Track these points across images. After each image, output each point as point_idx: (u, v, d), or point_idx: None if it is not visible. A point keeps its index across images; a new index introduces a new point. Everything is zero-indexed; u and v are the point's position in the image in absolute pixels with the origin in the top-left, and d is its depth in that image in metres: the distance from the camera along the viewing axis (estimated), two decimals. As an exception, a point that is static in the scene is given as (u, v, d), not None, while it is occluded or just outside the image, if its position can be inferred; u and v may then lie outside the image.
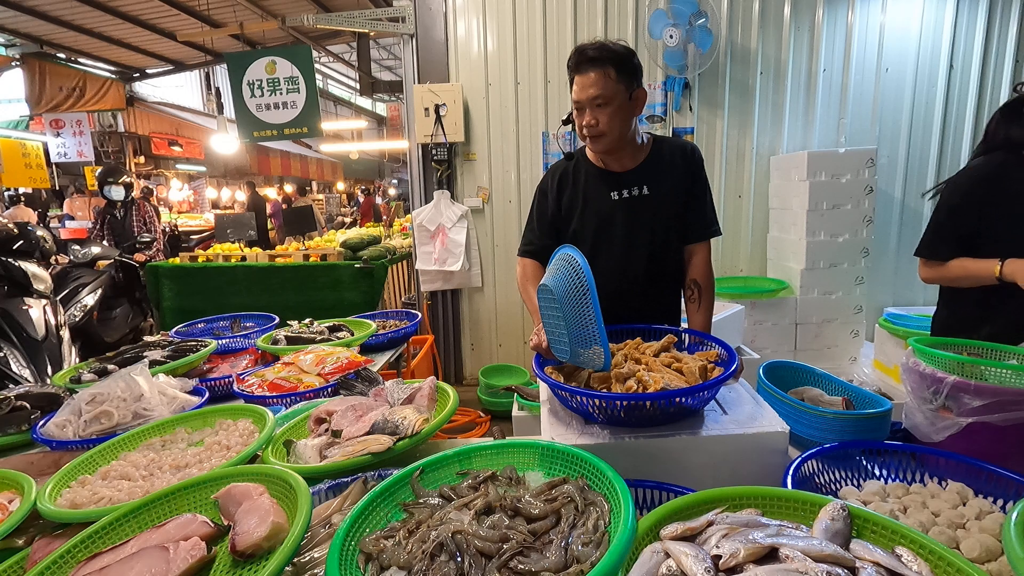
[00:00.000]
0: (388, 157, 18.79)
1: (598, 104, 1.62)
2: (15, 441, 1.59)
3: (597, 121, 1.64)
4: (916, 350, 1.40)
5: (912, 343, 1.43)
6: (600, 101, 1.62)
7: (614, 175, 1.79)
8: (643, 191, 1.77)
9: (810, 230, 3.74)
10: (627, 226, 1.78)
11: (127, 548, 0.92)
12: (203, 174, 12.90)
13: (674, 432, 1.24)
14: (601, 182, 1.80)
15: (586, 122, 1.66)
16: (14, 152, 7.03)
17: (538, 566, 0.78)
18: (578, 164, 1.85)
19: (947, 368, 1.32)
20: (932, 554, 0.78)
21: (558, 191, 1.86)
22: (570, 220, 1.84)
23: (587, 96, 1.62)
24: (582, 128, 1.68)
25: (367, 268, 4.60)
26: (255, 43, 7.29)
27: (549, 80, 4.25)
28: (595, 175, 1.81)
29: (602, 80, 1.60)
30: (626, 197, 1.77)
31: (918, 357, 1.38)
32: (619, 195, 1.78)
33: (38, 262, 3.87)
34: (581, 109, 1.66)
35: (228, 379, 1.92)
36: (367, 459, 1.20)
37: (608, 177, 1.79)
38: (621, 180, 1.78)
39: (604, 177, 1.80)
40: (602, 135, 1.67)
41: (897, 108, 4.12)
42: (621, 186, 1.78)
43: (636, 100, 1.68)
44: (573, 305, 1.32)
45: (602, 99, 1.61)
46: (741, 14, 4.08)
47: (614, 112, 1.63)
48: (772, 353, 3.81)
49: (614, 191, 1.78)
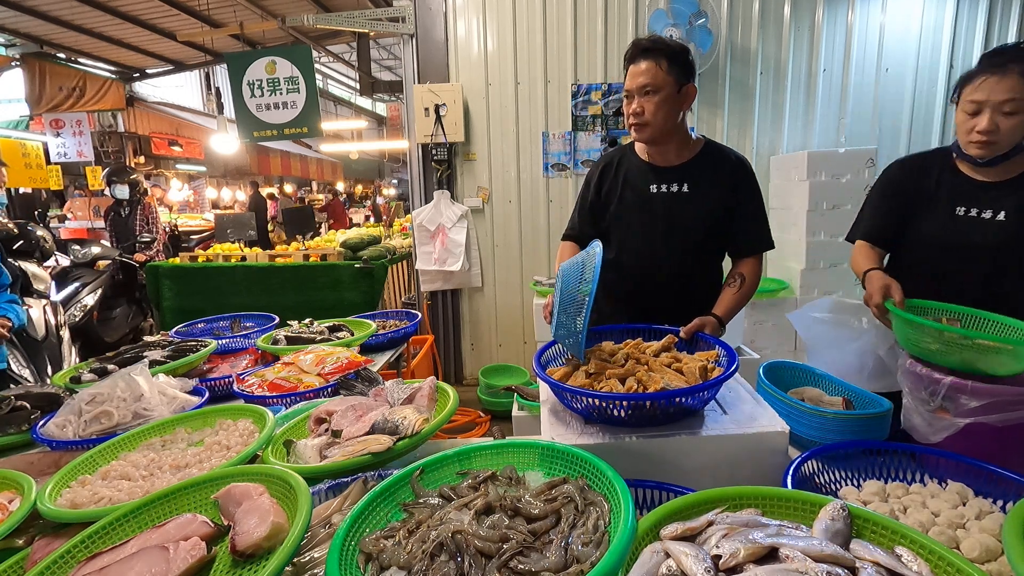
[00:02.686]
0: (388, 157, 18.78)
1: (646, 92, 1.66)
2: (15, 441, 1.58)
3: (643, 109, 1.67)
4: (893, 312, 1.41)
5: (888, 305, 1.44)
6: (649, 89, 1.65)
7: (656, 168, 1.81)
8: (683, 188, 1.78)
9: (810, 230, 3.74)
10: (665, 221, 1.79)
11: (127, 548, 0.92)
12: (203, 174, 12.89)
13: (674, 432, 1.24)
14: (642, 173, 1.82)
15: (633, 109, 1.69)
16: (14, 152, 7.02)
17: (538, 566, 0.78)
18: (624, 156, 1.89)
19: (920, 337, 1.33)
20: (932, 554, 0.78)
21: (600, 179, 1.90)
22: (608, 207, 1.87)
23: (637, 84, 1.66)
24: (629, 116, 1.71)
25: (367, 268, 4.60)
26: (255, 43, 7.29)
27: (549, 80, 4.25)
28: (638, 166, 1.84)
29: (653, 69, 1.64)
30: (664, 192, 1.79)
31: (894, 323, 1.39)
32: (658, 188, 1.80)
33: (38, 262, 3.87)
34: (630, 97, 1.70)
35: (228, 379, 1.92)
36: (367, 459, 1.20)
37: (650, 169, 1.82)
38: (662, 174, 1.80)
39: (646, 169, 1.82)
40: (646, 124, 1.70)
41: (897, 108, 4.12)
42: (661, 180, 1.80)
43: (685, 95, 1.70)
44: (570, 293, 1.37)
45: (651, 87, 1.65)
46: (741, 14, 4.08)
47: (660, 102, 1.66)
48: (772, 353, 3.81)
49: (653, 184, 1.80)
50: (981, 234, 1.55)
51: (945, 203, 1.61)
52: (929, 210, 1.65)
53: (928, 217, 1.65)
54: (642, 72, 1.65)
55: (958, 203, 1.59)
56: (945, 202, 1.61)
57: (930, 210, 1.64)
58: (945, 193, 1.62)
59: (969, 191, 1.58)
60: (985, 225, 1.55)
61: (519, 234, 4.48)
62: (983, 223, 1.55)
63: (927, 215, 1.65)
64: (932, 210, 1.64)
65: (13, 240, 3.71)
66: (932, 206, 1.64)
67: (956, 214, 1.59)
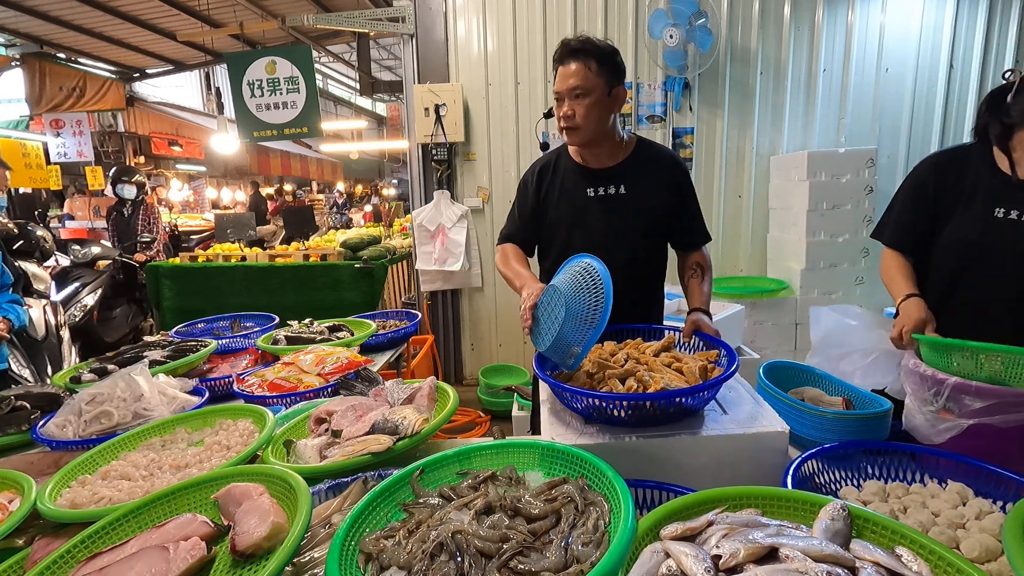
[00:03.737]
0: (388, 157, 18.78)
1: (576, 95, 1.64)
2: (15, 441, 1.58)
3: (574, 112, 1.66)
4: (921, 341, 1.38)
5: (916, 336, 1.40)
6: (579, 92, 1.63)
7: (590, 171, 1.80)
8: (619, 190, 1.78)
9: (810, 230, 3.74)
10: (604, 224, 1.79)
11: (127, 548, 0.92)
12: (203, 174, 12.90)
13: (674, 432, 1.24)
14: (578, 177, 1.81)
15: (563, 112, 1.67)
16: (14, 152, 7.02)
17: (538, 566, 0.78)
18: (559, 159, 1.87)
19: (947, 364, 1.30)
20: (932, 554, 0.78)
21: (537, 184, 1.87)
22: (547, 212, 1.86)
23: (567, 86, 1.64)
24: (560, 119, 1.70)
25: (367, 268, 4.60)
26: (255, 43, 7.29)
27: (549, 80, 4.24)
28: (572, 170, 1.83)
29: (583, 71, 1.62)
30: (601, 194, 1.79)
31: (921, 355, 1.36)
32: (594, 191, 1.79)
33: (38, 262, 3.87)
34: (560, 100, 1.68)
35: (228, 379, 1.92)
36: (367, 459, 1.20)
37: (584, 173, 1.81)
38: (596, 177, 1.79)
39: (581, 172, 1.81)
40: (577, 127, 1.68)
41: (897, 108, 4.12)
42: (596, 183, 1.79)
43: (616, 97, 1.69)
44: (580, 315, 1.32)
45: (581, 90, 1.63)
46: (741, 14, 4.08)
47: (591, 105, 1.65)
48: (772, 353, 3.81)
49: (589, 187, 1.79)
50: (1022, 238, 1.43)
51: (982, 204, 1.49)
52: (964, 211, 1.52)
53: (962, 219, 1.52)
54: (572, 74, 1.63)
55: (997, 204, 1.46)
56: (982, 203, 1.49)
57: (965, 211, 1.52)
58: (983, 193, 1.49)
59: (1009, 191, 1.45)
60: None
61: (519, 234, 4.47)
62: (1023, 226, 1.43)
63: (961, 217, 1.53)
64: (967, 211, 1.51)
65: (13, 240, 3.71)
66: (967, 207, 1.51)
67: (995, 216, 1.47)
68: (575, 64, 1.62)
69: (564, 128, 1.71)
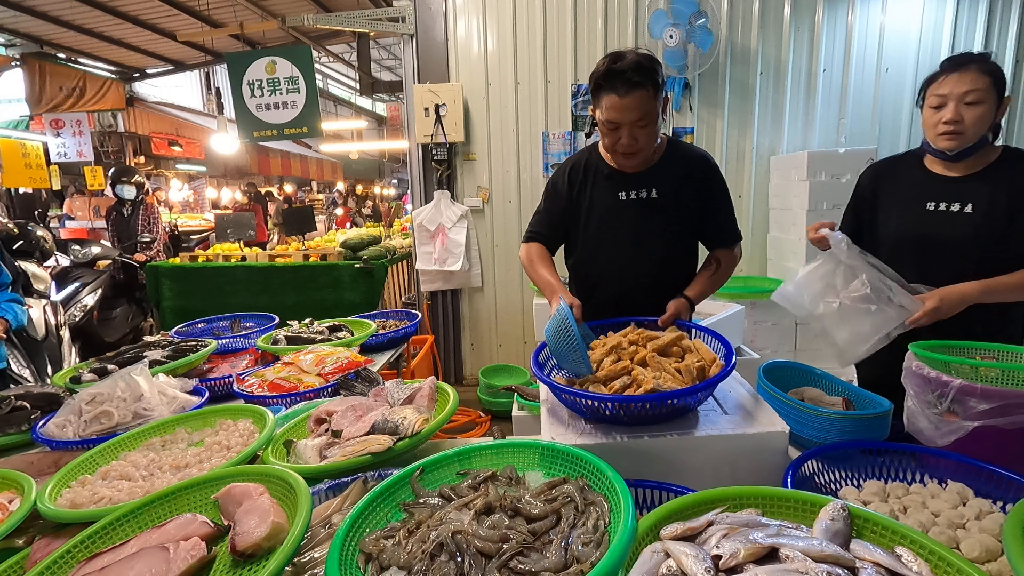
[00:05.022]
0: (388, 157, 18.78)
1: (641, 126, 1.60)
2: (15, 441, 1.59)
3: (637, 140, 1.62)
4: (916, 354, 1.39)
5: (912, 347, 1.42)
6: (644, 123, 1.59)
7: (623, 175, 1.77)
8: (651, 194, 1.76)
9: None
10: (636, 228, 1.77)
11: (127, 548, 0.92)
12: (203, 174, 12.90)
13: (674, 432, 1.24)
14: (610, 181, 1.79)
15: (625, 142, 1.62)
16: (14, 152, 7.02)
17: (538, 566, 0.78)
18: (589, 161, 1.84)
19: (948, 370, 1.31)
20: (932, 554, 0.78)
21: (568, 185, 1.84)
22: (578, 216, 1.84)
23: (630, 119, 1.58)
24: (615, 146, 1.65)
25: (367, 268, 4.60)
26: (255, 43, 7.29)
27: (549, 80, 4.24)
28: (605, 174, 1.80)
29: (645, 102, 1.56)
30: (633, 199, 1.77)
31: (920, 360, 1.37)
32: (627, 195, 1.77)
33: (38, 262, 3.87)
34: (615, 128, 1.61)
35: (228, 379, 1.92)
36: (367, 459, 1.20)
37: (617, 177, 1.78)
38: (629, 181, 1.77)
39: (613, 176, 1.78)
40: (640, 151, 1.66)
41: (897, 108, 4.12)
42: (629, 187, 1.77)
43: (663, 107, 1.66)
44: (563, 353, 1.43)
45: (646, 120, 1.59)
46: (741, 14, 4.08)
47: (653, 128, 1.62)
48: (772, 353, 3.81)
49: (622, 191, 1.77)
50: (951, 227, 1.59)
51: (915, 199, 1.67)
52: (899, 207, 1.70)
53: (898, 214, 1.70)
54: (636, 106, 1.55)
55: (928, 199, 1.64)
56: (915, 198, 1.67)
57: (900, 207, 1.69)
58: (915, 190, 1.67)
59: (938, 187, 1.64)
60: (955, 218, 1.59)
61: (519, 234, 4.46)
62: (952, 216, 1.60)
63: (897, 212, 1.70)
64: (903, 207, 1.69)
65: (13, 240, 3.71)
66: (903, 203, 1.69)
67: (926, 209, 1.64)
68: (638, 93, 1.54)
69: (623, 154, 1.67)
